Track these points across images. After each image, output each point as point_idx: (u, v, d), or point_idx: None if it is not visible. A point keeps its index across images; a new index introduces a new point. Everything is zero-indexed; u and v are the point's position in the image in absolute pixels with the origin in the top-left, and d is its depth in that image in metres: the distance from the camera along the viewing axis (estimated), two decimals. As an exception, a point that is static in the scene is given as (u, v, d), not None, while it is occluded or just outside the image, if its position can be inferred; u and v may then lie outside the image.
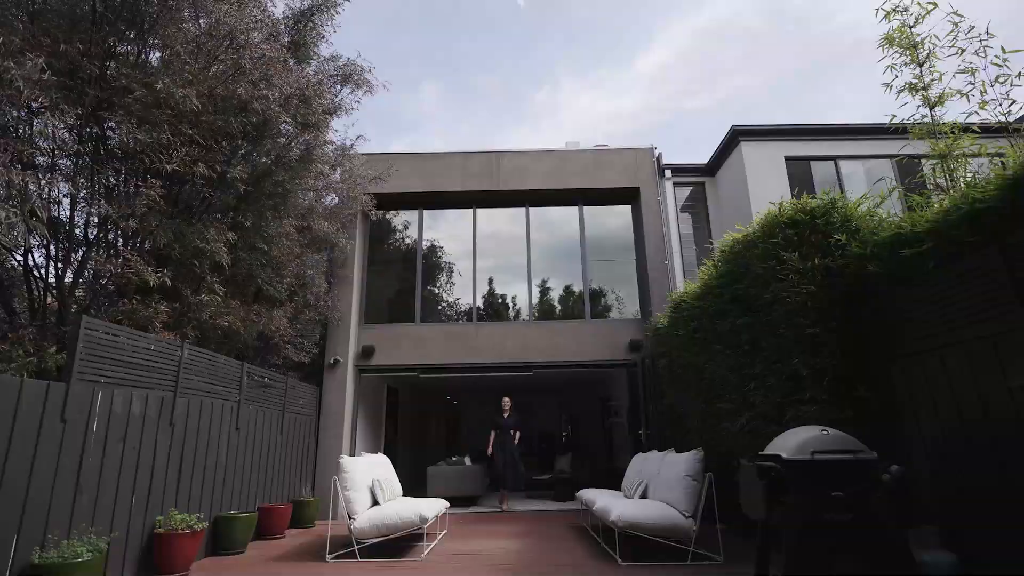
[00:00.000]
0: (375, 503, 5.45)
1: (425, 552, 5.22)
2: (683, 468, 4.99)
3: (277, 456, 7.08)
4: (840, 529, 3.29)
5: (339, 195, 7.98)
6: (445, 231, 10.12)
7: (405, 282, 9.83)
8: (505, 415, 8.38)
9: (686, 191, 10.13)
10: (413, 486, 12.94)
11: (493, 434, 8.37)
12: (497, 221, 10.05)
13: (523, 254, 9.78)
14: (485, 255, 9.84)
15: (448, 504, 6.43)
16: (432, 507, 5.48)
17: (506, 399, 8.60)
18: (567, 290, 9.81)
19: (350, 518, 5.11)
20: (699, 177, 9.97)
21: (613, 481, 11.01)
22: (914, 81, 4.22)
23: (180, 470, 5.06)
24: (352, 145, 8.31)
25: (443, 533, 6.47)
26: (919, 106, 4.18)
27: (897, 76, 4.33)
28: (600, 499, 5.68)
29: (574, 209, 10.15)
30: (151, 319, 4.77)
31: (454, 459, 9.88)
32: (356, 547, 5.06)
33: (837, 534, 3.31)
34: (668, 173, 9.81)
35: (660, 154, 9.86)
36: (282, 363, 8.02)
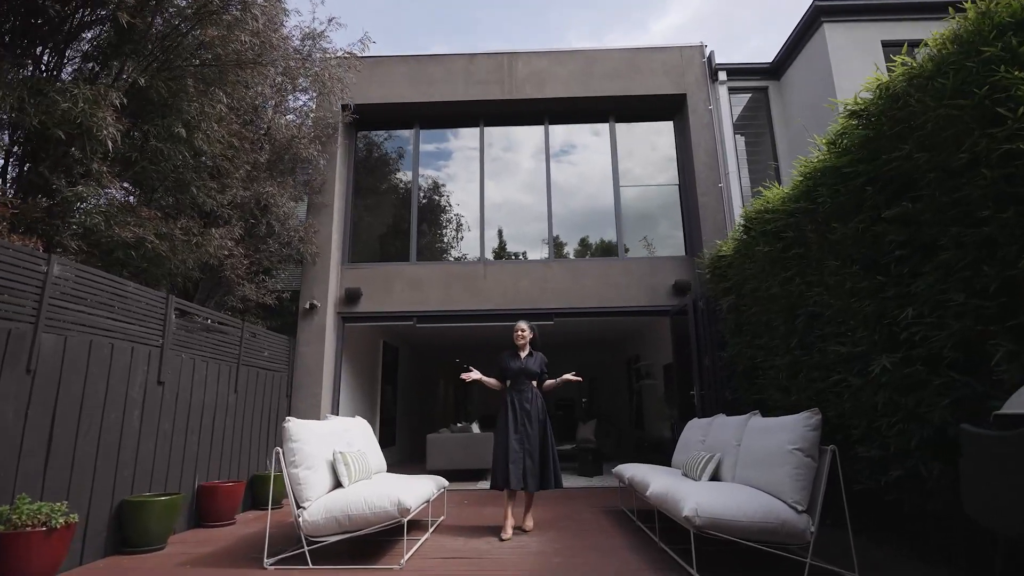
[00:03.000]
0: (339, 485, 3.87)
1: (407, 554, 3.65)
2: (788, 438, 3.30)
3: (229, 420, 5.53)
4: None
5: (303, 82, 6.19)
6: (449, 189, 8.34)
7: (400, 220, 8.13)
8: (521, 354, 4.73)
9: (743, 100, 8.19)
10: (415, 458, 11.54)
11: (504, 390, 4.69)
12: (508, 189, 8.18)
13: (537, 222, 7.95)
14: (493, 225, 8.05)
15: (447, 483, 4.87)
16: (419, 491, 3.89)
17: (522, 325, 4.76)
18: (594, 222, 8.02)
19: (298, 506, 3.53)
20: (760, 80, 8.02)
21: (647, 454, 9.44)
22: None
23: (51, 438, 3.48)
24: (324, 31, 6.50)
25: (440, 520, 4.92)
26: None
27: None
28: (655, 480, 4.05)
29: (603, 126, 8.29)
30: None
31: (459, 425, 8.35)
32: (307, 548, 3.50)
33: None
34: (722, 76, 7.88)
35: (712, 52, 7.91)
36: (242, 306, 6.44)
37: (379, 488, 3.66)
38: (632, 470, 4.81)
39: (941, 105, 2.71)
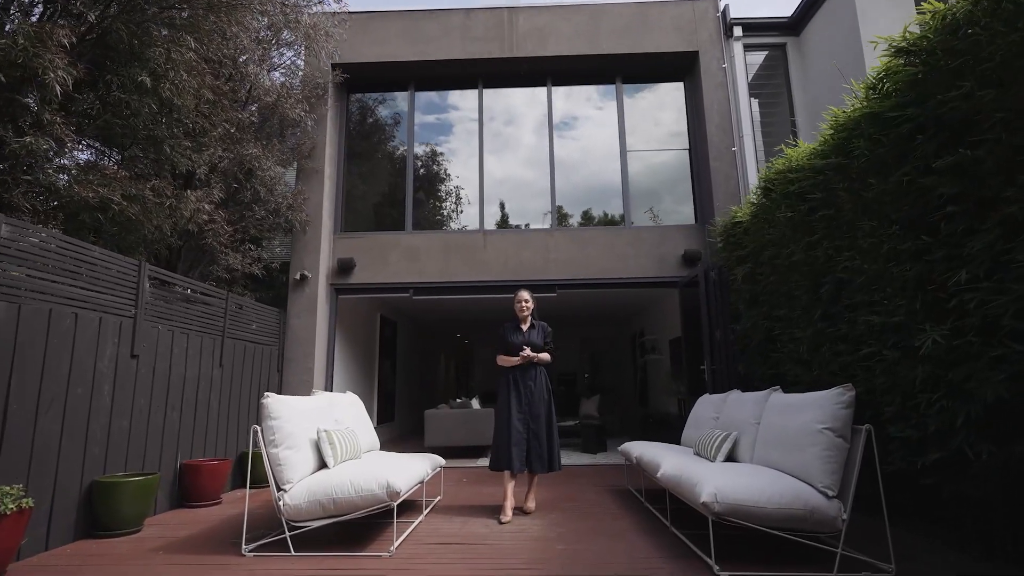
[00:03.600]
0: (324, 466, 3.58)
1: (398, 540, 3.37)
2: (817, 416, 2.98)
3: (214, 396, 5.24)
4: None
5: (288, 35, 5.74)
6: (450, 162, 7.86)
7: (396, 188, 7.71)
8: (523, 327, 4.39)
9: (758, 59, 7.69)
10: (416, 434, 11.34)
11: (509, 366, 4.28)
12: (509, 164, 7.70)
13: (539, 198, 7.51)
14: (494, 200, 7.60)
15: (443, 462, 4.59)
16: (411, 472, 3.60)
17: (524, 295, 4.40)
18: (598, 198, 7.59)
19: (279, 489, 3.25)
20: (778, 36, 7.51)
21: (652, 430, 9.17)
22: None
23: (5, 416, 3.17)
24: (309, -21, 6.00)
25: (435, 501, 4.66)
26: None
27: None
28: (666, 460, 3.75)
29: (610, 90, 7.82)
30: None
31: (458, 401, 8.09)
32: (288, 534, 3.22)
33: None
34: (737, 31, 7.36)
35: (727, 6, 7.39)
36: (229, 276, 6.10)
37: (367, 469, 3.36)
38: (640, 448, 4.53)
39: (1015, 29, 2.30)
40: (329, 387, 6.92)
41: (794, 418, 3.17)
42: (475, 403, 8.07)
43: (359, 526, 3.67)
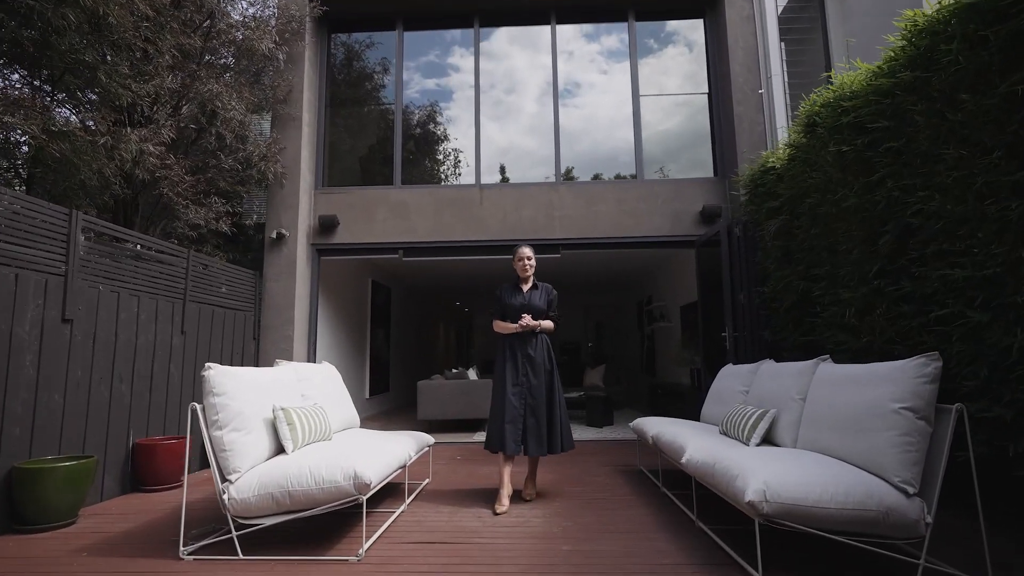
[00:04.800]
0: (282, 451, 2.99)
1: (368, 540, 2.80)
2: (892, 392, 2.35)
3: (175, 367, 4.65)
4: None
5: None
6: (450, 130, 7.07)
7: (386, 143, 6.96)
8: (524, 287, 3.83)
9: (789, -10, 6.83)
10: (411, 405, 10.86)
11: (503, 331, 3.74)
12: (511, 132, 6.88)
13: (542, 166, 6.73)
14: (493, 170, 6.83)
15: (431, 440, 4.01)
16: (388, 457, 3.01)
17: (527, 251, 3.80)
18: (606, 160, 6.85)
19: (223, 479, 2.66)
20: (814, -37, 6.63)
21: (662, 402, 8.59)
22: None
23: None
24: None
25: (423, 484, 4.10)
26: None
27: None
28: (692, 444, 3.16)
29: (616, 50, 6.98)
30: None
31: (454, 371, 7.52)
32: (235, 533, 2.65)
33: None
34: (767, -44, 6.49)
35: (756, -73, 6.49)
36: (195, 234, 5.45)
37: (333, 455, 2.77)
38: (657, 426, 3.94)
39: None
40: (312, 356, 6.34)
41: (858, 394, 2.55)
42: (472, 373, 7.51)
43: (328, 518, 3.10)
